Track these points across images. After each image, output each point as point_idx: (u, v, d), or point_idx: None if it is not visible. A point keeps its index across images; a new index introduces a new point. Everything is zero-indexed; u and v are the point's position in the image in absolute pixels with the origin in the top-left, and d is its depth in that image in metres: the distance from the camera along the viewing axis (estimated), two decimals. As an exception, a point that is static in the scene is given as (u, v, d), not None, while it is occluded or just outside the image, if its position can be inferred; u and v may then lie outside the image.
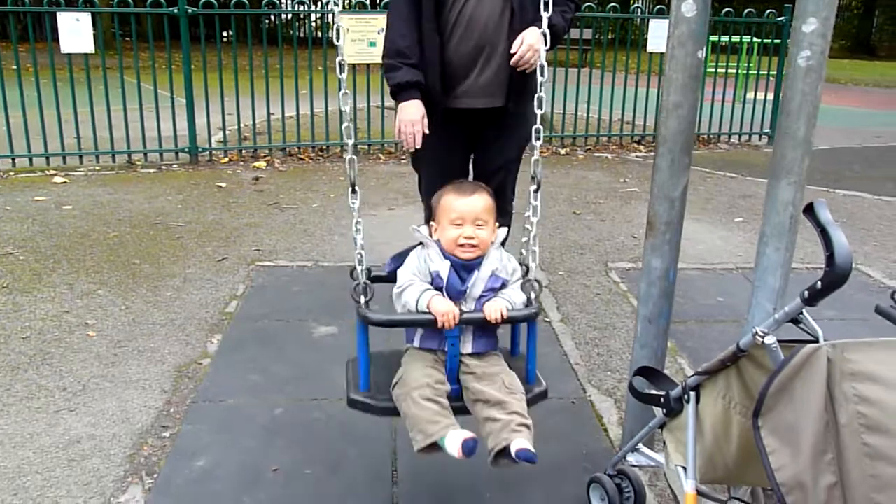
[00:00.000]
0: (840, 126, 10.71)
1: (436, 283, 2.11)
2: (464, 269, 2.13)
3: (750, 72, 10.13)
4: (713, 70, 9.39)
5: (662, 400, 1.86)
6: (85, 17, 6.41)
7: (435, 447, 1.98)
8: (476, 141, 3.25)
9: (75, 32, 6.37)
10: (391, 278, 2.22)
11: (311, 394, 2.96)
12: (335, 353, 3.29)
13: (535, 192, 2.24)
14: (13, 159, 6.61)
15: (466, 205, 2.14)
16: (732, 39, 9.35)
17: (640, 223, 5.23)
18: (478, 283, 2.13)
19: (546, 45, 2.40)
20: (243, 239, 4.86)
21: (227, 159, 7.30)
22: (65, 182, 6.26)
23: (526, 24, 2.94)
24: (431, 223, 2.22)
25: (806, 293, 1.32)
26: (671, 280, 2.34)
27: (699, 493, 1.80)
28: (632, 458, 2.21)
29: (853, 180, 7.21)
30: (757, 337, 1.42)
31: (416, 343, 2.18)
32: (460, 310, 2.05)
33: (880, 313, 1.97)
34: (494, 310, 2.05)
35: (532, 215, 2.25)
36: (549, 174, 7.06)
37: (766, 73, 9.13)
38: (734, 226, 5.50)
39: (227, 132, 7.74)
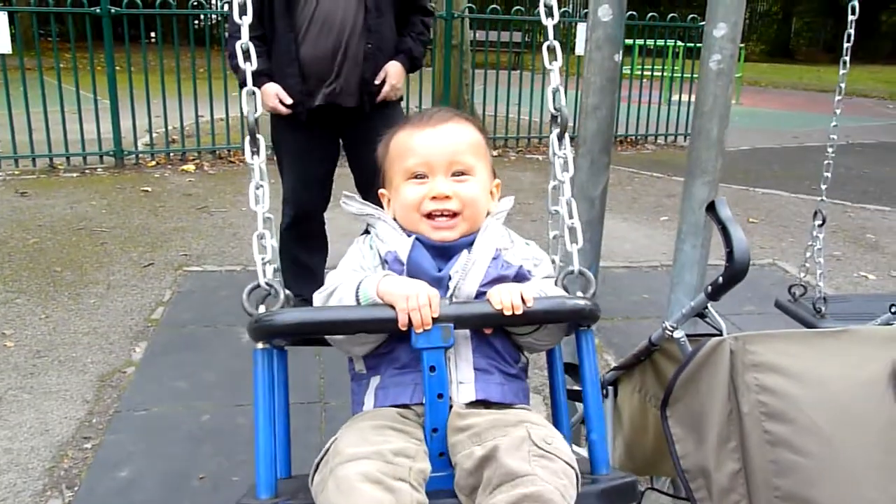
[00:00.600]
0: (760, 127, 11.10)
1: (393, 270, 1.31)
2: (438, 250, 1.33)
3: (675, 75, 10.41)
4: (640, 73, 9.62)
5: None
6: (1, 17, 6.18)
7: None
8: (344, 142, 3.27)
9: (-9, 32, 6.15)
10: None
11: (238, 399, 2.92)
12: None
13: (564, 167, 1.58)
14: (-75, 164, 6.34)
15: (433, 139, 1.35)
16: (658, 43, 9.60)
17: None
18: (470, 269, 1.29)
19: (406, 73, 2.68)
20: (170, 244, 4.76)
21: (154, 163, 7.13)
22: (-19, 187, 6.03)
23: (380, 23, 3.01)
24: (382, 191, 1.46)
25: (709, 288, 1.37)
26: (593, 278, 2.38)
27: (619, 484, 1.84)
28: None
29: (772, 179, 7.49)
30: (667, 331, 1.48)
31: (371, 403, 1.27)
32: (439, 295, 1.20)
33: (779, 307, 2.05)
34: (508, 293, 1.19)
35: (564, 184, 1.56)
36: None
37: (690, 76, 9.39)
38: (659, 224, 5.65)
39: (155, 135, 7.56)
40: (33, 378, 3.05)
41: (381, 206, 1.44)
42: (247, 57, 1.39)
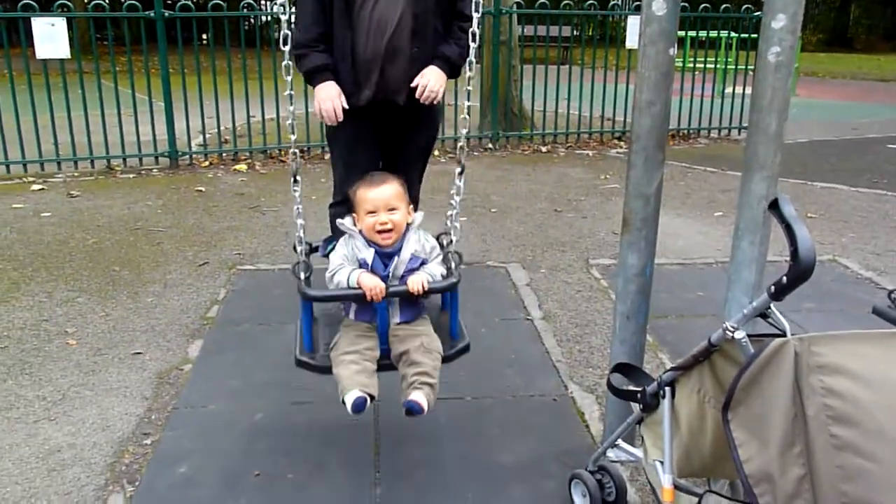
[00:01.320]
0: (818, 119, 10.82)
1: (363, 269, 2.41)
2: (386, 255, 2.40)
3: (728, 67, 10.20)
4: (692, 65, 9.45)
5: (639, 396, 1.88)
6: (60, 23, 6.36)
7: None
8: (385, 136, 3.41)
9: (50, 38, 6.33)
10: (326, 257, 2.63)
11: (292, 398, 2.95)
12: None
13: (460, 174, 2.60)
14: (-10, 167, 6.56)
15: (377, 194, 2.40)
16: (711, 35, 9.42)
17: (620, 220, 5.25)
18: (399, 265, 2.41)
19: (446, 78, 3.05)
20: (224, 243, 4.84)
21: (207, 163, 7.27)
22: (42, 189, 6.21)
23: (425, 29, 3.17)
24: (353, 215, 2.46)
25: (772, 288, 1.33)
26: (648, 276, 2.35)
27: (677, 486, 1.81)
28: (612, 454, 2.22)
29: (830, 173, 7.28)
30: (727, 332, 1.44)
31: (352, 316, 2.46)
32: (387, 284, 2.32)
33: (877, 313, 1.99)
34: (416, 282, 2.32)
35: (456, 194, 2.63)
36: (531, 172, 7.09)
37: (744, 67, 9.19)
38: (714, 220, 5.54)
39: (207, 136, 7.71)
40: (95, 375, 3.13)
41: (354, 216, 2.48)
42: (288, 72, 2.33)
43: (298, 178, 2.53)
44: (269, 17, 8.46)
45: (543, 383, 3.10)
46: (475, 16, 2.60)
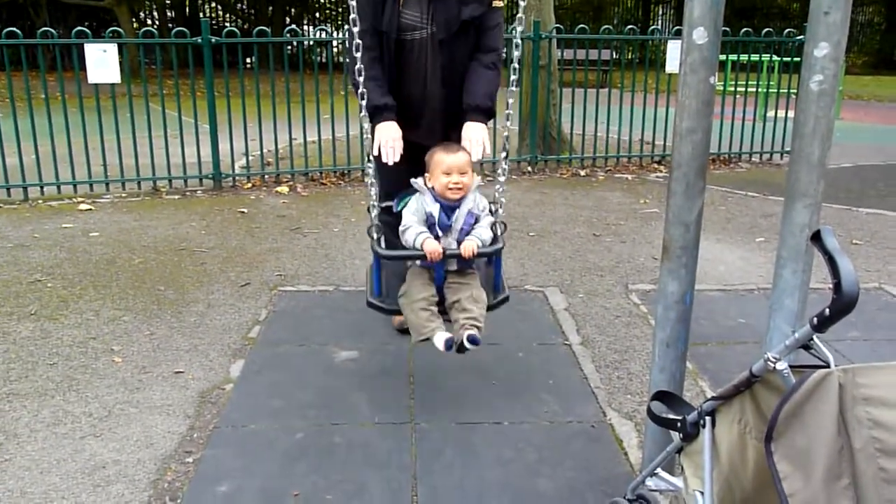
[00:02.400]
0: (863, 143, 10.64)
1: (429, 221, 2.93)
2: (449, 209, 2.93)
3: (770, 90, 10.11)
4: (734, 89, 9.39)
5: (679, 424, 1.86)
6: (112, 49, 6.56)
7: (426, 341, 2.83)
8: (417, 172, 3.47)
9: (102, 63, 6.52)
10: (397, 217, 3.05)
11: (332, 419, 2.98)
12: (356, 378, 3.32)
13: (505, 158, 3.15)
14: (41, 187, 6.76)
15: (455, 160, 2.92)
16: (752, 58, 9.35)
17: (660, 244, 5.21)
18: (459, 218, 2.94)
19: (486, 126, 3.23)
20: (266, 264, 4.92)
21: (250, 185, 7.40)
22: (91, 209, 6.38)
23: (454, 73, 3.29)
24: (426, 174, 2.99)
25: (815, 320, 1.33)
26: (688, 304, 2.34)
27: (718, 518, 1.79)
28: (651, 483, 2.20)
29: (876, 198, 7.15)
30: (769, 363, 1.43)
31: (418, 263, 2.98)
32: (443, 249, 2.84)
33: None
34: (467, 248, 2.84)
35: (501, 175, 3.16)
36: (569, 195, 7.08)
37: (786, 91, 9.11)
38: (755, 246, 5.48)
39: (251, 158, 7.85)
40: (139, 393, 3.20)
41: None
42: (362, 97, 2.98)
43: (372, 156, 3.13)
44: (312, 43, 8.60)
45: (581, 409, 3.09)
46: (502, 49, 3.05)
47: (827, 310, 1.29)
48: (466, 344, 2.71)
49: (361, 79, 2.95)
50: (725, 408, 1.70)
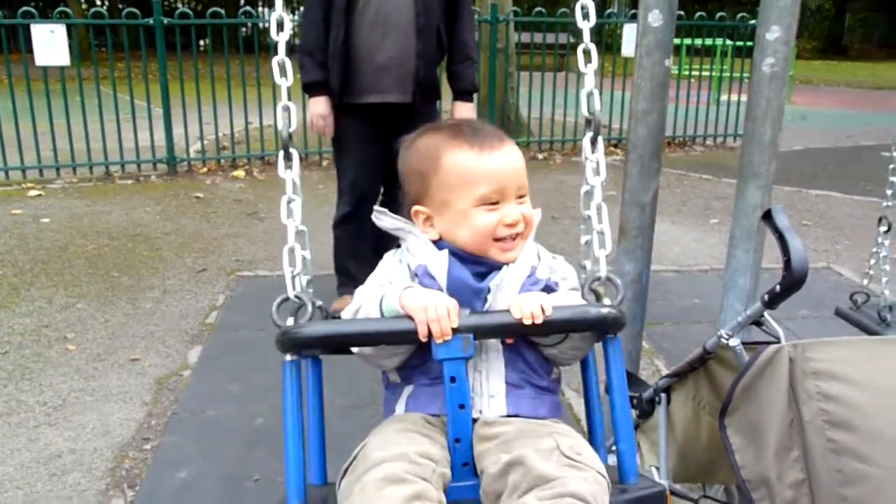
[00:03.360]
0: (812, 127, 10.88)
1: (423, 285, 1.29)
2: (475, 262, 1.32)
3: (724, 74, 10.27)
4: (688, 73, 9.51)
5: (635, 402, 1.90)
6: (60, 30, 6.39)
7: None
8: (387, 140, 3.42)
9: (50, 45, 6.35)
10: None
11: (293, 403, 2.97)
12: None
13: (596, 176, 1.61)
14: (-11, 173, 6.58)
15: (504, 165, 1.34)
16: (706, 42, 9.48)
17: (617, 226, 5.30)
18: (506, 282, 1.29)
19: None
20: (223, 249, 4.86)
21: (205, 169, 7.29)
22: (41, 195, 6.23)
23: (430, 28, 3.23)
24: (418, 208, 1.37)
25: (766, 296, 1.36)
26: (644, 283, 2.38)
27: (673, 492, 1.83)
28: (608, 460, 2.24)
29: (826, 180, 7.33)
30: (722, 339, 1.47)
31: (400, 409, 1.33)
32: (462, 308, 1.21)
33: (840, 315, 2.02)
34: (529, 302, 1.19)
35: (594, 188, 1.60)
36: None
37: (739, 75, 9.25)
38: (709, 227, 5.58)
39: (206, 142, 7.73)
40: (94, 381, 3.15)
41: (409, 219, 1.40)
42: (282, 72, 1.47)
43: (293, 151, 1.51)
44: (267, 24, 8.46)
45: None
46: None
47: (777, 286, 1.33)
48: None
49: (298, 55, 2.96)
50: (680, 385, 1.74)
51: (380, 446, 1.18)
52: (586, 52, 1.58)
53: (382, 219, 1.39)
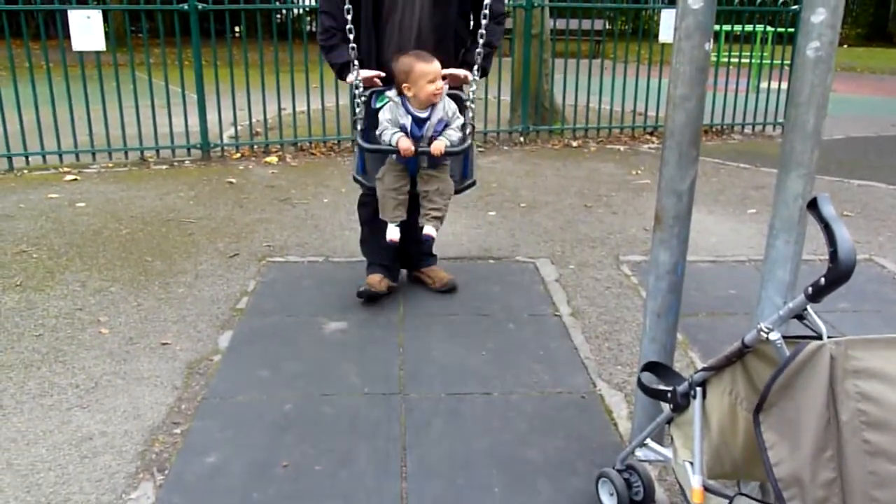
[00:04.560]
0: (855, 115, 10.61)
1: (403, 130, 3.23)
2: (420, 120, 3.24)
3: (764, 61, 10.05)
4: (727, 59, 9.32)
5: (669, 395, 1.85)
6: (96, 15, 6.44)
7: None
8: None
9: (87, 30, 6.41)
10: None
11: (321, 389, 2.97)
12: (345, 349, 3.31)
13: (478, 70, 3.36)
14: (27, 157, 6.67)
15: (434, 67, 3.18)
16: (746, 29, 9.27)
17: (651, 216, 5.20)
18: (429, 128, 3.25)
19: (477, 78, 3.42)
20: (254, 235, 4.88)
21: (238, 155, 7.32)
22: (77, 180, 6.30)
23: (447, 38, 3.43)
24: (405, 85, 3.20)
25: (810, 289, 1.31)
26: (679, 274, 2.32)
27: (707, 488, 1.79)
28: (640, 453, 2.20)
29: (868, 170, 7.15)
30: (761, 333, 1.42)
31: (393, 157, 3.35)
32: (416, 147, 3.21)
33: None
34: (436, 147, 3.19)
35: (473, 83, 3.39)
36: (561, 166, 7.04)
37: (780, 62, 9.05)
38: (747, 217, 5.46)
39: (239, 128, 7.77)
40: (126, 364, 3.17)
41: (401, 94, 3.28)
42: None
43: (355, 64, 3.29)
44: (301, 11, 8.47)
45: (572, 380, 3.08)
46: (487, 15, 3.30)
47: (822, 279, 1.27)
48: (422, 236, 3.33)
49: (323, 41, 3.44)
50: (716, 379, 1.69)
51: (392, 181, 3.36)
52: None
53: (389, 97, 3.31)
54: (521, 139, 8.16)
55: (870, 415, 1.20)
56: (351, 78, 3.37)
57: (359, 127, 3.34)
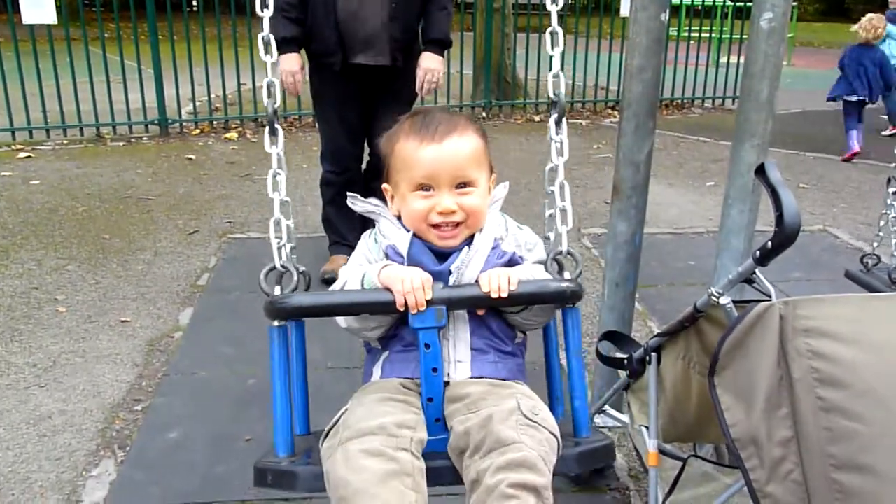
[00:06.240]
0: (812, 89, 10.74)
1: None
2: (442, 255, 1.47)
3: (724, 36, 10.14)
4: (687, 34, 9.39)
5: (626, 362, 1.89)
6: (47, -13, 6.26)
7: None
8: (370, 99, 3.50)
9: (37, 3, 6.23)
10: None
11: (284, 364, 2.96)
12: (308, 324, 3.29)
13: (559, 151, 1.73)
14: (-22, 134, 6.50)
15: (440, 153, 1.44)
16: (705, 3, 9.34)
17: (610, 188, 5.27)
18: (470, 261, 1.44)
19: (443, 59, 3.12)
20: (214, 211, 4.82)
21: (198, 131, 7.21)
22: (31, 157, 6.16)
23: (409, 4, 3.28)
24: (385, 186, 1.56)
25: (758, 253, 1.33)
26: (637, 244, 2.35)
27: (662, 451, 1.83)
28: (599, 420, 2.24)
29: (823, 143, 7.27)
30: (712, 297, 1.44)
31: (378, 375, 1.49)
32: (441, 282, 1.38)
33: (850, 277, 2.00)
34: (497, 277, 1.36)
35: (558, 167, 1.68)
36: (524, 141, 7.06)
37: (739, 36, 9.14)
38: (706, 190, 5.54)
39: (198, 104, 7.64)
40: (85, 342, 3.13)
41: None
42: (267, 49, 1.63)
43: (278, 127, 1.68)
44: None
45: (532, 350, 3.10)
46: None
47: (769, 242, 1.30)
48: None
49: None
50: (670, 344, 1.72)
51: (361, 417, 1.31)
52: (553, 35, 1.60)
53: (356, 204, 1.57)
54: (484, 114, 8.15)
55: (822, 372, 1.23)
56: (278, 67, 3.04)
57: (277, 288, 1.59)
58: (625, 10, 7.95)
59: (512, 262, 1.48)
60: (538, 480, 1.19)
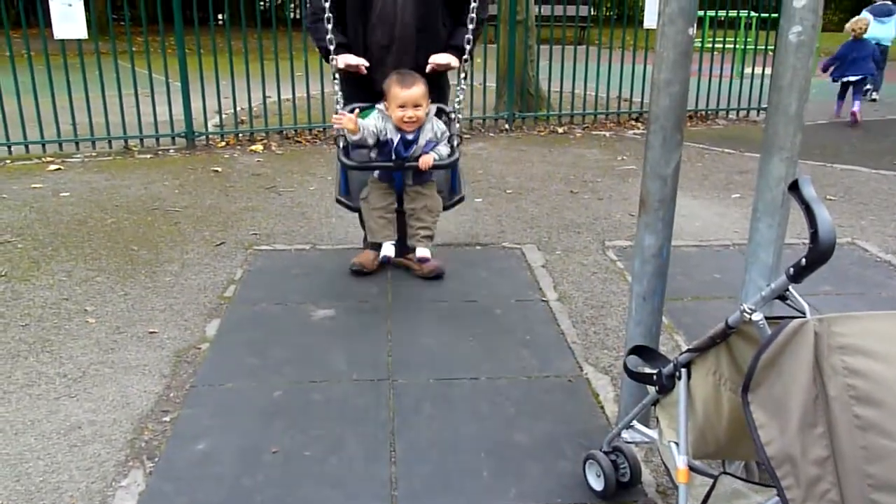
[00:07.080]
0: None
1: (388, 147, 3.31)
2: (408, 141, 3.29)
3: (748, 47, 10.08)
4: (711, 45, 9.35)
5: (655, 378, 1.88)
6: (77, 3, 6.37)
7: (375, 245, 3.51)
8: None
9: (68, 18, 6.34)
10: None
11: (310, 376, 2.98)
12: (334, 336, 3.31)
13: (464, 78, 3.48)
14: (9, 147, 6.60)
15: (408, 94, 3.19)
16: (730, 14, 9.30)
17: (637, 201, 5.22)
18: (417, 149, 3.29)
19: (457, 60, 3.47)
20: (241, 223, 4.86)
21: (224, 143, 7.28)
22: (61, 169, 6.25)
23: (431, 27, 3.46)
24: (387, 104, 3.27)
25: (791, 270, 1.33)
26: (664, 257, 2.34)
27: (692, 468, 1.82)
28: (627, 435, 2.23)
29: (851, 154, 7.20)
30: (745, 314, 1.44)
31: (376, 176, 3.45)
32: (406, 159, 3.30)
33: None
34: (425, 161, 3.25)
35: (460, 93, 3.47)
36: (547, 153, 7.05)
37: (763, 47, 9.09)
38: (731, 202, 5.50)
39: (224, 116, 7.72)
40: (114, 353, 3.17)
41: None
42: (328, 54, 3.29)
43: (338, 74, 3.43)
44: (285, -3, 8.38)
45: (559, 364, 3.10)
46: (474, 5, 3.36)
47: (803, 259, 1.29)
48: (418, 260, 3.46)
49: (310, 23, 3.47)
50: (700, 360, 1.71)
51: (376, 199, 3.45)
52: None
53: (381, 110, 3.32)
54: (507, 126, 8.16)
55: (858, 389, 1.22)
56: (334, 65, 3.42)
57: (340, 144, 3.35)
58: (648, 22, 7.94)
59: (435, 144, 3.34)
60: (431, 233, 3.48)
